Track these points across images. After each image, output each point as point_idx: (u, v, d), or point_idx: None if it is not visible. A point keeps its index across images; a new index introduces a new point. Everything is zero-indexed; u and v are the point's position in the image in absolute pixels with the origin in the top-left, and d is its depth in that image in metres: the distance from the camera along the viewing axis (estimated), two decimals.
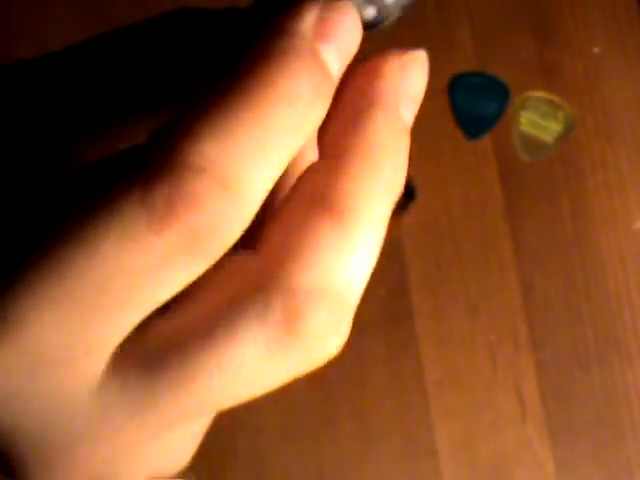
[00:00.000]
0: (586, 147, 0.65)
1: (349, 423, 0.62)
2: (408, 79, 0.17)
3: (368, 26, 0.18)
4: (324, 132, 0.16)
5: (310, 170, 0.16)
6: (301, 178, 0.16)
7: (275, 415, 0.62)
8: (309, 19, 0.15)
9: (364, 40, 0.17)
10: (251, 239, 0.16)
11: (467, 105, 0.66)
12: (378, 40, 0.19)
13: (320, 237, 0.15)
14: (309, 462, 0.61)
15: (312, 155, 0.17)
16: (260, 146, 0.14)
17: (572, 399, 0.62)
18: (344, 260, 0.16)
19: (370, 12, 0.18)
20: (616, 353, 0.62)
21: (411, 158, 0.61)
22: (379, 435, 0.61)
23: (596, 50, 0.67)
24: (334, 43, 0.15)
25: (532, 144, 0.65)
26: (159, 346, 0.15)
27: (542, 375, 0.62)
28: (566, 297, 0.63)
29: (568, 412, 0.62)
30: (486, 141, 0.65)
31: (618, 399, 0.62)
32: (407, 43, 0.64)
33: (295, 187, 0.16)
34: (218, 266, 0.15)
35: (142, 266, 0.14)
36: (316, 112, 0.15)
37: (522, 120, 0.66)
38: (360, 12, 0.17)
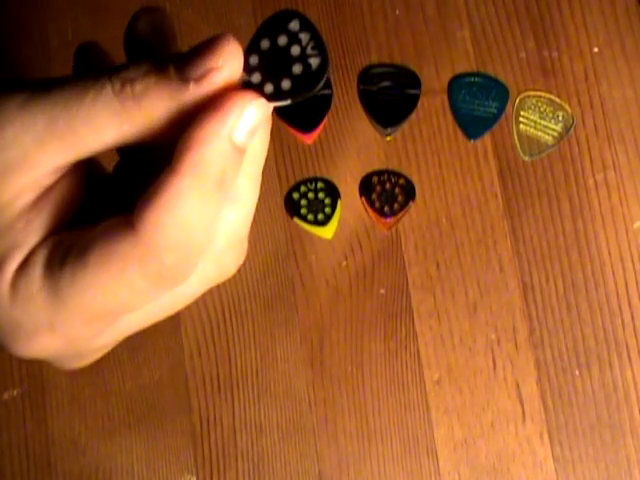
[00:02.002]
0: (586, 147, 0.65)
1: (349, 423, 0.62)
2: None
3: (276, 98, 0.24)
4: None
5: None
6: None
7: (275, 415, 0.62)
8: (231, 124, 0.24)
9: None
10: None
11: (467, 105, 0.66)
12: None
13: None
14: (309, 462, 0.61)
15: None
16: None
17: (572, 399, 0.62)
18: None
19: (269, 88, 0.24)
20: (616, 353, 0.62)
21: (411, 158, 0.62)
22: (379, 435, 0.62)
23: (596, 50, 0.67)
24: (247, 131, 0.24)
25: (532, 144, 0.65)
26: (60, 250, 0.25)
27: (542, 375, 0.62)
28: (566, 297, 0.63)
29: (568, 412, 0.62)
30: (486, 141, 0.65)
31: (618, 399, 0.62)
32: (407, 43, 0.64)
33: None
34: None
35: None
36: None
37: (522, 120, 0.66)
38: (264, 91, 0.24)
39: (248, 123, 0.24)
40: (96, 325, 0.25)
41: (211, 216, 0.24)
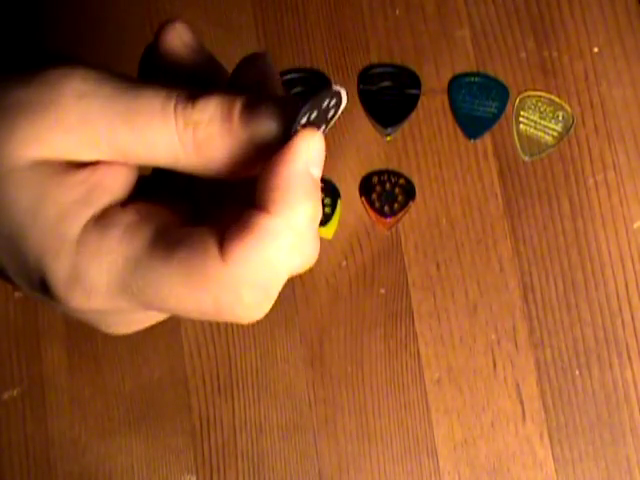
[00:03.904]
0: (586, 147, 0.65)
1: (349, 423, 0.62)
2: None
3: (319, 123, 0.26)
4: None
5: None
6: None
7: (275, 415, 0.62)
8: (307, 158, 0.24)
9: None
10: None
11: (467, 105, 0.66)
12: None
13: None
14: (309, 462, 0.61)
15: None
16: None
17: (572, 399, 0.62)
18: None
19: (323, 128, 0.26)
20: (616, 353, 0.62)
21: (411, 158, 0.63)
22: (379, 435, 0.62)
23: (596, 50, 0.67)
24: (319, 164, 0.25)
25: (532, 144, 0.65)
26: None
27: (542, 375, 0.62)
28: (566, 297, 0.63)
29: (568, 412, 0.62)
30: (486, 141, 0.65)
31: (618, 399, 0.62)
32: (407, 43, 0.65)
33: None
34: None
35: None
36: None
37: (522, 120, 0.66)
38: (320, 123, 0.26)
39: (318, 155, 0.24)
40: (150, 312, 0.26)
41: (295, 261, 0.25)
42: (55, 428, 0.61)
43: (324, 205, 0.64)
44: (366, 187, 0.65)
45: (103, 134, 0.24)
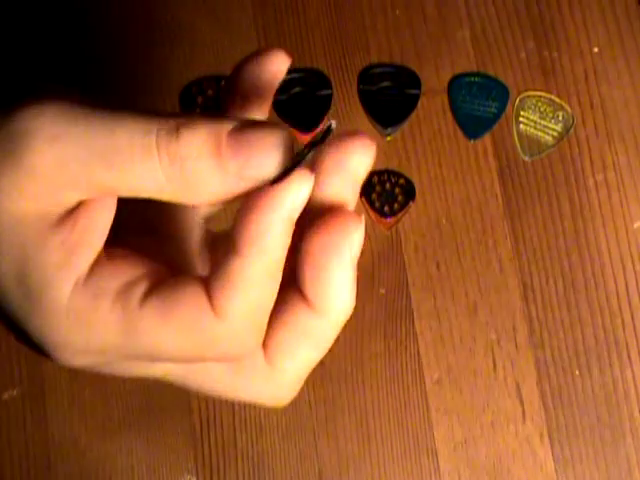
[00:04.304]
0: (586, 147, 0.65)
1: (349, 423, 0.62)
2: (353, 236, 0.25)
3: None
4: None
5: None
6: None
7: (275, 415, 0.62)
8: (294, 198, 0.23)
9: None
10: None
11: (467, 105, 0.66)
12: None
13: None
14: (309, 462, 0.61)
15: None
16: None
17: (572, 399, 0.62)
18: None
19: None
20: (616, 353, 0.62)
21: (411, 158, 0.63)
22: (379, 435, 0.62)
23: (596, 50, 0.67)
24: (301, 207, 0.23)
25: (532, 144, 0.65)
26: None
27: (542, 375, 0.62)
28: (566, 297, 0.63)
29: (568, 412, 0.62)
30: (486, 141, 0.65)
31: (618, 399, 0.62)
32: (407, 43, 0.65)
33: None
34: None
35: None
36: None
37: (522, 120, 0.66)
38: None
39: (304, 198, 0.23)
40: (141, 361, 0.26)
41: (273, 292, 0.24)
42: (55, 428, 0.61)
43: None
44: (366, 187, 0.65)
45: (82, 175, 0.23)
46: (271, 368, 0.26)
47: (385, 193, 0.64)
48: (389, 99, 0.66)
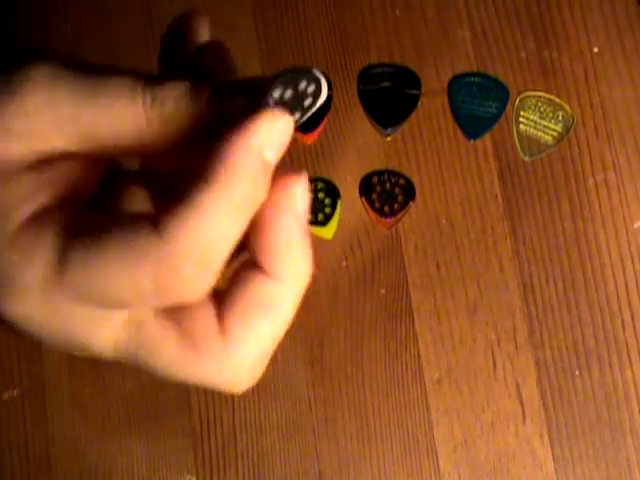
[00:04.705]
0: (586, 147, 0.65)
1: (349, 423, 0.62)
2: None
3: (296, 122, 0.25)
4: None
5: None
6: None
7: (275, 415, 0.62)
8: (261, 137, 0.24)
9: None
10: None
11: (467, 105, 0.66)
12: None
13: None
14: (309, 462, 0.61)
15: None
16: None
17: (572, 399, 0.62)
18: None
19: (297, 116, 0.25)
20: (616, 353, 0.62)
21: (411, 158, 0.63)
22: (379, 435, 0.62)
23: (596, 50, 0.67)
24: (277, 147, 0.24)
25: (532, 144, 0.65)
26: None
27: (542, 375, 0.62)
28: (566, 297, 0.63)
29: (568, 412, 0.62)
30: (486, 141, 0.65)
31: (618, 399, 0.62)
32: (407, 43, 0.64)
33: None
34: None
35: None
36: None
37: (522, 120, 0.66)
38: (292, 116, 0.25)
39: (278, 138, 0.24)
40: (82, 308, 0.25)
41: (234, 236, 0.24)
42: (55, 428, 0.61)
43: (324, 205, 0.64)
44: (366, 187, 0.65)
45: (69, 118, 0.24)
46: (227, 344, 0.25)
47: (385, 193, 0.64)
48: (389, 99, 0.66)
